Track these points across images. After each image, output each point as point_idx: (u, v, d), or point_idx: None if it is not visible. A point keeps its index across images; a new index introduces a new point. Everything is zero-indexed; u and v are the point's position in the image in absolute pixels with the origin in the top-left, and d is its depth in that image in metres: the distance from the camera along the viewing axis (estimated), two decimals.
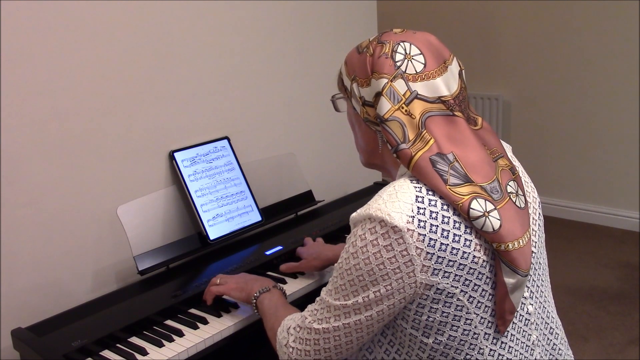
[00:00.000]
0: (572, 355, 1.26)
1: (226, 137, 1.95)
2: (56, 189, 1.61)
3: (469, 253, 1.02)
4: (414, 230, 1.00)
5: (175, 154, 1.82)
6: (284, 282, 1.66)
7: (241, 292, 1.45)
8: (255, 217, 1.92)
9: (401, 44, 1.09)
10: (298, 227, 1.98)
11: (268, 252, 1.77)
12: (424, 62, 1.09)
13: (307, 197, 2.11)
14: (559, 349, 1.21)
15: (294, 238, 1.88)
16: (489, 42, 4.11)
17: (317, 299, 1.16)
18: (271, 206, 2.00)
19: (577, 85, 3.80)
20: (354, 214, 1.07)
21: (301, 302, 1.53)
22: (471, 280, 1.03)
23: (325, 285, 1.62)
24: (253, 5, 2.06)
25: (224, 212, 1.85)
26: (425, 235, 1.00)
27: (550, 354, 1.18)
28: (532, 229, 1.14)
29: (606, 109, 3.73)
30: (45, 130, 1.58)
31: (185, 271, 1.73)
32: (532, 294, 1.15)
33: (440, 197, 1.03)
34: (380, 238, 1.01)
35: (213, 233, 1.81)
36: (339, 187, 2.33)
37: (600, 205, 3.87)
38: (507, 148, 1.25)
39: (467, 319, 1.05)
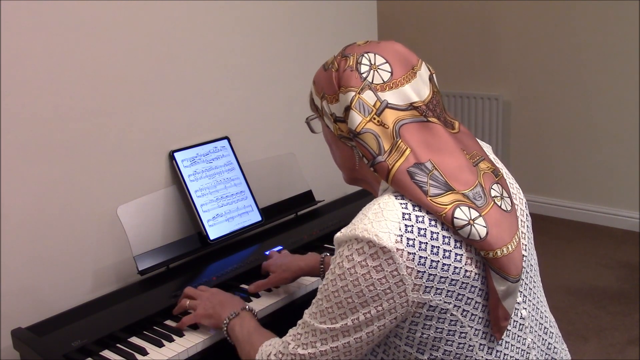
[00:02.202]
0: (567, 350, 1.26)
1: (226, 137, 1.95)
2: (56, 189, 1.61)
3: (461, 267, 1.00)
4: (403, 249, 0.97)
5: (175, 154, 1.82)
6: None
7: (210, 318, 1.39)
8: (255, 217, 1.92)
9: (365, 55, 1.08)
10: (298, 227, 1.98)
11: (268, 252, 1.77)
12: (390, 70, 1.07)
13: (307, 197, 2.11)
14: (554, 347, 1.20)
15: (294, 238, 1.88)
16: (489, 42, 4.11)
17: (300, 322, 1.11)
18: (271, 206, 2.00)
19: (577, 85, 3.80)
20: (338, 234, 1.04)
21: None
22: (464, 295, 1.02)
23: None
24: (253, 5, 2.06)
25: (224, 212, 1.85)
26: (415, 253, 0.98)
27: (546, 354, 1.18)
28: (522, 232, 1.12)
29: (606, 109, 3.73)
30: (45, 130, 1.58)
31: (185, 271, 1.73)
32: (525, 298, 1.13)
33: (427, 212, 1.00)
34: (369, 259, 0.98)
35: (213, 233, 1.81)
36: (339, 187, 2.33)
37: (600, 205, 3.87)
38: (487, 148, 1.23)
39: (461, 332, 1.04)
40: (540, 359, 1.16)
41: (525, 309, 1.13)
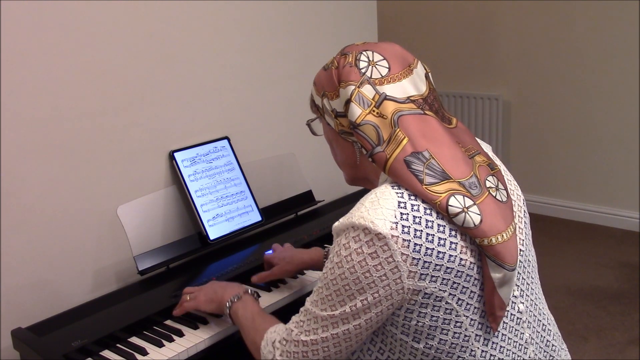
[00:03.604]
0: (567, 350, 1.26)
1: (226, 137, 1.95)
2: (56, 189, 1.61)
3: (456, 256, 1.02)
4: (398, 236, 0.99)
5: (175, 154, 1.82)
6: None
7: (211, 303, 1.40)
8: (255, 217, 1.92)
9: (364, 52, 1.12)
10: (298, 227, 1.98)
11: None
12: (388, 66, 1.10)
13: (307, 197, 2.11)
14: (553, 345, 1.20)
15: (294, 238, 1.88)
16: (488, 42, 4.11)
17: (302, 309, 1.13)
18: (271, 206, 2.00)
19: (577, 85, 3.80)
20: (336, 223, 1.07)
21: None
22: (459, 283, 1.03)
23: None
24: (253, 5, 2.06)
25: (224, 212, 1.85)
26: (410, 240, 1.00)
27: (544, 351, 1.18)
28: (519, 227, 1.14)
29: (606, 109, 3.73)
30: (45, 130, 1.58)
31: (185, 271, 1.73)
32: (522, 292, 1.14)
33: (423, 201, 1.02)
34: (364, 246, 1.00)
35: (213, 233, 1.81)
36: (339, 187, 2.33)
37: (600, 205, 3.87)
38: (487, 147, 1.25)
39: (457, 322, 1.05)
40: (538, 355, 1.16)
41: (523, 303, 1.14)
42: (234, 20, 2.02)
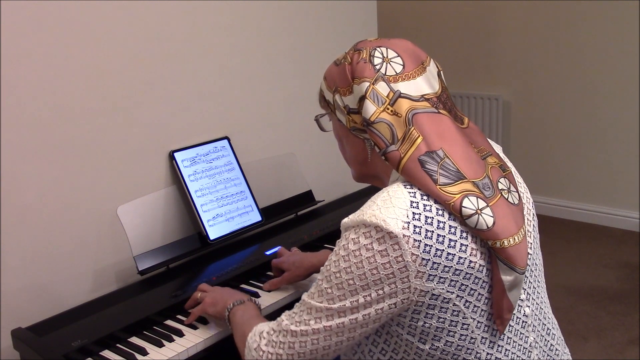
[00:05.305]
0: (569, 354, 1.26)
1: (226, 137, 1.95)
2: (56, 189, 1.61)
3: (465, 258, 1.01)
4: (409, 236, 0.98)
5: (175, 154, 1.82)
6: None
7: (215, 306, 1.40)
8: (255, 217, 1.92)
9: (378, 49, 1.10)
10: (298, 227, 1.98)
11: (268, 252, 1.77)
12: (402, 63, 1.09)
13: (307, 197, 2.11)
14: (556, 349, 1.20)
15: (294, 238, 1.88)
16: (489, 42, 4.11)
17: (297, 303, 1.12)
18: (271, 206, 2.00)
19: (577, 86, 3.80)
20: (345, 220, 1.05)
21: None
22: (467, 285, 1.02)
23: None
24: (253, 5, 2.06)
25: (224, 212, 1.85)
26: (420, 241, 0.99)
27: (548, 355, 1.18)
28: (528, 230, 1.13)
29: (606, 109, 3.73)
30: (45, 130, 1.58)
31: (185, 271, 1.73)
32: (528, 296, 1.14)
33: (435, 202, 1.02)
34: (375, 242, 0.99)
35: (213, 233, 1.81)
36: (339, 187, 2.33)
37: (600, 205, 3.87)
38: (498, 148, 1.25)
39: (463, 324, 1.04)
40: (542, 359, 1.16)
41: (529, 306, 1.14)
42: (234, 20, 2.02)
